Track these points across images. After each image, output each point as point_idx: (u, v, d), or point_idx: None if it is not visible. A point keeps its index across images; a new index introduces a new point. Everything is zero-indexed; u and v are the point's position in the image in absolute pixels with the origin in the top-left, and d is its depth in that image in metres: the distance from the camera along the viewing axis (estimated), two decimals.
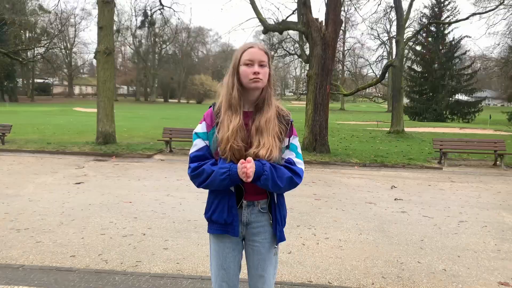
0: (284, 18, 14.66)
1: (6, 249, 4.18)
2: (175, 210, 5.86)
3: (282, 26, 13.12)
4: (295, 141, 1.99)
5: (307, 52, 12.91)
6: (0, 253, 4.06)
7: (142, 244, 4.43)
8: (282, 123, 1.94)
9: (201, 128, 1.95)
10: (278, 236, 1.99)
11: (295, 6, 14.85)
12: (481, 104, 39.63)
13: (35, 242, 4.39)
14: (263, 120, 1.88)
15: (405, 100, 38.75)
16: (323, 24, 11.74)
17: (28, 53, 37.99)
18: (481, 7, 23.28)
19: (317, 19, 11.82)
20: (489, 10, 21.88)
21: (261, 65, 1.86)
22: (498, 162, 11.33)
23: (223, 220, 1.92)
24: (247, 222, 1.97)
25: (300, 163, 1.95)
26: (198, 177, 1.89)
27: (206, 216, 2.01)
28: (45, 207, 5.82)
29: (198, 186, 1.92)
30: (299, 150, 1.99)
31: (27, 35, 40.60)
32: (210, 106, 1.99)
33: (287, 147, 1.95)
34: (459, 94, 40.84)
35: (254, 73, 1.84)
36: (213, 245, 2.04)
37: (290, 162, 1.93)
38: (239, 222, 1.96)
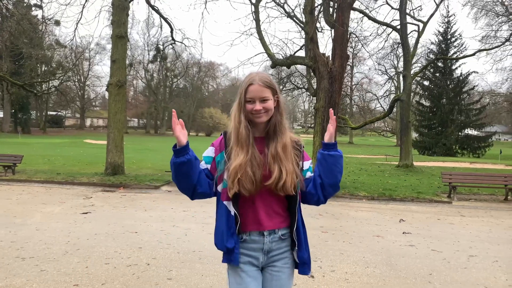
0: (292, 53, 14.95)
1: (10, 277, 4.18)
2: (180, 241, 5.83)
3: (290, 61, 13.37)
4: (311, 164, 2.00)
5: (315, 86, 13.10)
6: (4, 281, 4.06)
7: (146, 274, 4.39)
8: (296, 148, 1.95)
9: (207, 152, 1.97)
10: (302, 264, 1.96)
11: (302, 42, 15.17)
12: (491, 138, 39.27)
13: (39, 271, 4.39)
14: (279, 147, 1.87)
15: (414, 135, 38.62)
16: (330, 58, 11.96)
17: (43, 86, 39.04)
18: (488, 44, 23.61)
19: (324, 54, 12.05)
20: (496, 47, 22.19)
21: (262, 101, 1.86)
22: (509, 197, 11.15)
23: (224, 247, 1.89)
24: (268, 250, 1.93)
25: None
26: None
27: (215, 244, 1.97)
28: (51, 236, 5.83)
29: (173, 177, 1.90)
30: None
31: (43, 68, 41.80)
32: (221, 134, 2.00)
33: (303, 169, 1.95)
34: (469, 129, 40.60)
35: (255, 110, 1.86)
36: (233, 279, 1.94)
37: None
38: (261, 250, 1.92)
